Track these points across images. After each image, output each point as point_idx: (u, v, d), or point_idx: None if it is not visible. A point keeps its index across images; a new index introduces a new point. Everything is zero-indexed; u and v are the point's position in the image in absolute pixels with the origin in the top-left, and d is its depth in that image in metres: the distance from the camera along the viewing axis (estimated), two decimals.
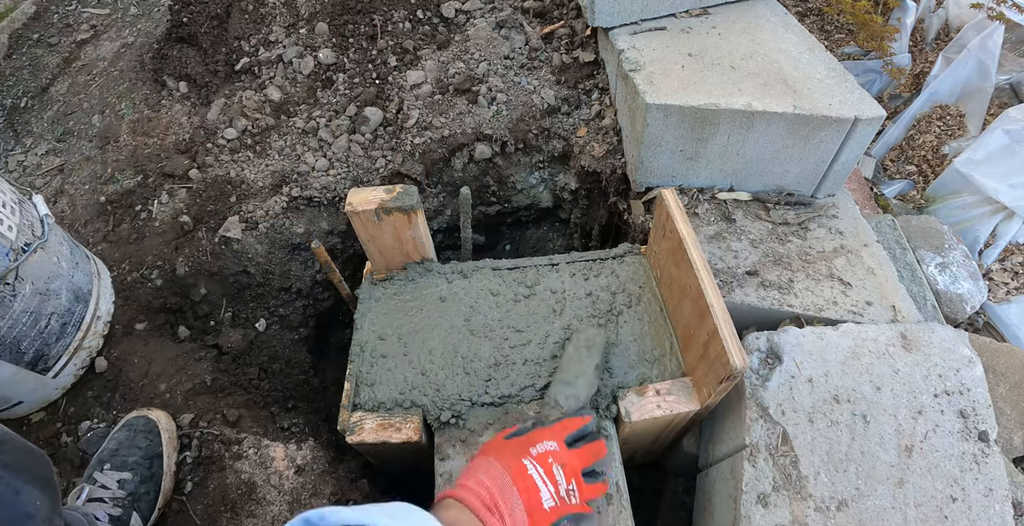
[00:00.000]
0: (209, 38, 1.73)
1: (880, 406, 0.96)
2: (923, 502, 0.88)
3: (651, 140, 1.24)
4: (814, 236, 1.25)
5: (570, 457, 0.78)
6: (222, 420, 1.16)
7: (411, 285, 1.18)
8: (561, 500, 0.73)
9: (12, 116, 1.84)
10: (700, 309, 0.91)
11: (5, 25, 2.05)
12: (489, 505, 0.66)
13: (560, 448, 0.78)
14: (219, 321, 1.42)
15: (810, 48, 1.32)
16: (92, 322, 1.19)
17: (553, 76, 1.59)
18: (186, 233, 1.44)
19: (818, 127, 1.18)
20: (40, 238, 1.07)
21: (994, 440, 0.93)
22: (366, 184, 1.52)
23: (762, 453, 0.93)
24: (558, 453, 0.76)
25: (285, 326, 1.56)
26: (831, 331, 1.03)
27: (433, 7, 1.73)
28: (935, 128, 2.15)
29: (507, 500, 0.68)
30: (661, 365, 1.04)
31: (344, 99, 1.61)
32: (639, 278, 1.17)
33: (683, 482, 1.27)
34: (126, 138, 1.65)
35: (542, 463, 0.73)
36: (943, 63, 2.16)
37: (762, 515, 0.89)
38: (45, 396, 1.14)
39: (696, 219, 1.28)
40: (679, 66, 1.27)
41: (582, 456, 0.80)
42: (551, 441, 0.78)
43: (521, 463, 0.72)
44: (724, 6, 1.45)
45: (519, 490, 0.69)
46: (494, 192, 1.70)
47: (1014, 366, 1.32)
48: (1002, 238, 1.84)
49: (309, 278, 1.58)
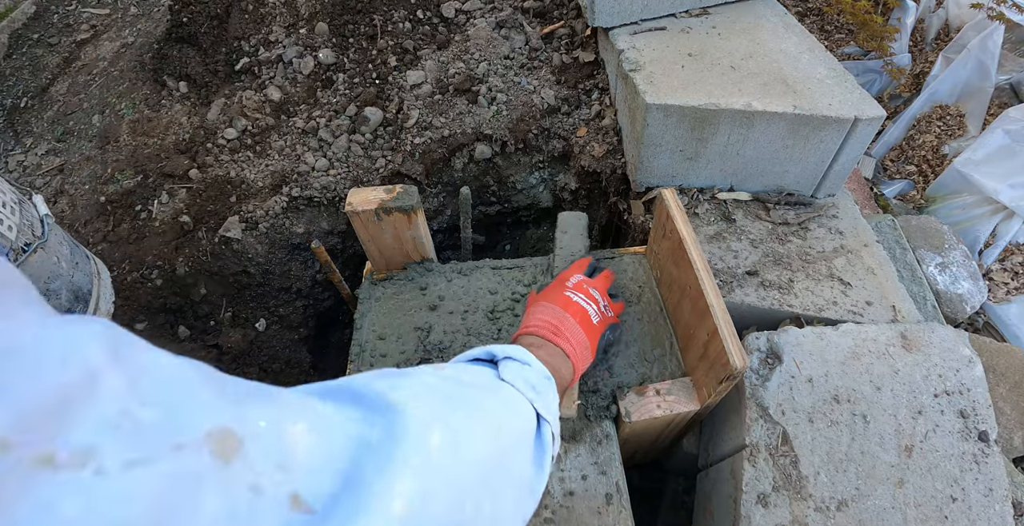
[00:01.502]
0: (209, 38, 1.73)
1: (880, 406, 0.96)
2: (923, 502, 0.88)
3: (651, 140, 1.24)
4: (814, 236, 1.25)
5: (597, 281, 0.95)
6: None
7: (411, 285, 1.18)
8: (602, 314, 0.90)
9: (12, 116, 1.84)
10: (700, 309, 0.91)
11: (5, 25, 2.05)
12: (554, 331, 0.79)
13: (586, 277, 0.94)
14: (219, 321, 1.43)
15: (810, 48, 1.32)
16: None
17: (553, 76, 1.59)
18: (186, 233, 1.44)
19: (818, 127, 1.18)
20: (40, 238, 1.07)
21: (994, 440, 0.93)
22: (366, 184, 1.52)
23: (762, 453, 0.93)
24: (587, 280, 0.93)
25: (285, 326, 1.56)
26: (831, 331, 1.03)
27: (433, 7, 1.73)
28: (935, 128, 2.15)
29: (565, 324, 0.81)
30: (661, 365, 1.04)
31: (344, 99, 1.61)
32: (639, 278, 1.17)
33: (683, 482, 1.27)
34: (126, 138, 1.65)
35: (579, 290, 0.89)
36: (943, 63, 2.16)
37: (762, 515, 0.89)
38: None
39: (696, 219, 1.28)
40: (679, 66, 1.27)
41: (604, 279, 0.98)
42: (578, 274, 0.94)
43: (564, 295, 0.87)
44: (724, 6, 1.45)
45: (571, 314, 0.83)
46: (494, 192, 1.70)
47: (1014, 366, 1.32)
48: (1002, 238, 1.84)
49: (309, 278, 1.58)
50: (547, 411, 0.58)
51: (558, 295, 0.87)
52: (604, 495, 0.91)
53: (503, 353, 0.62)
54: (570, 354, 0.79)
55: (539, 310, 0.84)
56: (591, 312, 0.87)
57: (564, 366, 0.76)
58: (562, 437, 0.96)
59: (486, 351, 0.63)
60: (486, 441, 0.45)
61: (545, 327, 0.80)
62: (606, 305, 0.92)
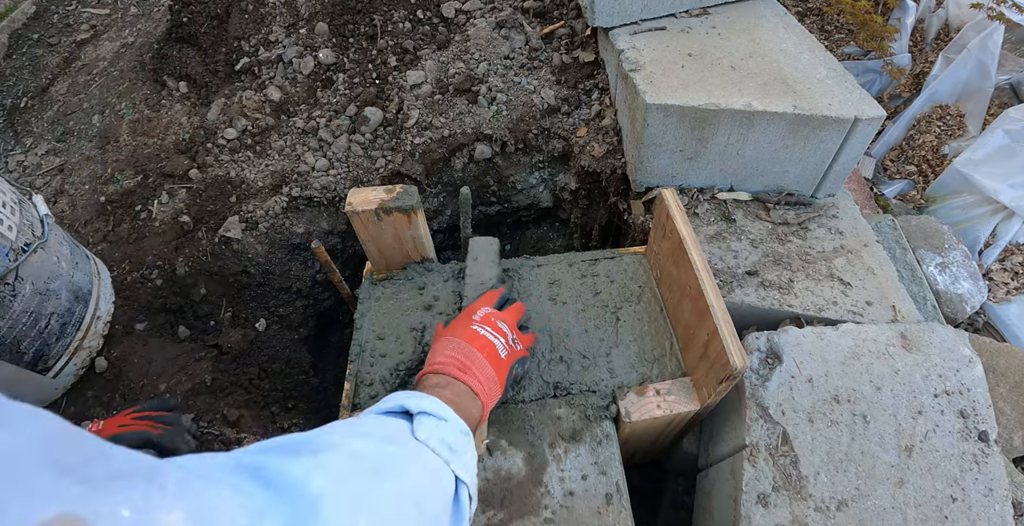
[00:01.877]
0: (209, 38, 1.73)
1: (880, 406, 0.96)
2: (923, 502, 0.88)
3: (651, 140, 1.24)
4: (814, 236, 1.25)
5: (506, 314, 0.93)
6: (222, 420, 1.16)
7: (410, 285, 1.18)
8: (511, 348, 0.88)
9: (12, 116, 1.84)
10: (700, 309, 0.91)
11: (5, 25, 2.05)
12: (461, 367, 0.78)
13: (494, 310, 0.92)
14: (219, 321, 1.42)
15: (810, 48, 1.32)
16: (92, 322, 1.18)
17: (553, 76, 1.59)
18: (186, 233, 1.44)
19: (818, 127, 1.18)
20: (40, 238, 1.07)
21: (994, 440, 0.93)
22: (366, 184, 1.52)
23: (762, 453, 0.93)
24: (496, 313, 0.91)
25: (285, 326, 1.56)
26: (831, 331, 1.03)
27: (433, 7, 1.73)
28: (935, 128, 2.15)
29: (473, 360, 0.80)
30: (661, 365, 1.04)
31: (344, 99, 1.61)
32: (639, 278, 1.17)
33: (683, 482, 1.27)
34: (126, 138, 1.65)
35: (487, 323, 0.88)
36: (943, 63, 2.16)
37: (762, 515, 0.89)
38: (45, 396, 1.14)
39: (696, 219, 1.28)
40: (679, 66, 1.27)
41: (514, 312, 0.96)
42: (486, 306, 0.92)
43: (472, 329, 0.86)
44: (724, 6, 1.45)
45: (478, 349, 0.82)
46: (494, 192, 1.70)
47: (1014, 366, 1.32)
48: (1002, 238, 1.84)
49: (309, 278, 1.58)
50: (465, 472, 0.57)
51: (465, 329, 0.85)
52: (604, 495, 0.91)
53: (417, 408, 0.61)
54: (478, 392, 0.77)
55: (446, 346, 0.82)
56: (499, 346, 0.85)
57: (472, 405, 0.76)
58: (562, 437, 0.96)
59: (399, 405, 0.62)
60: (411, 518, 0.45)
61: (452, 364, 0.79)
62: (515, 338, 0.91)
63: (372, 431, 0.53)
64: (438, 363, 0.79)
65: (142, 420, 0.93)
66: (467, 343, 0.82)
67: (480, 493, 0.91)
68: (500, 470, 0.93)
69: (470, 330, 0.85)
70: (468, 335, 0.84)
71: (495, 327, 0.88)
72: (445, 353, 0.81)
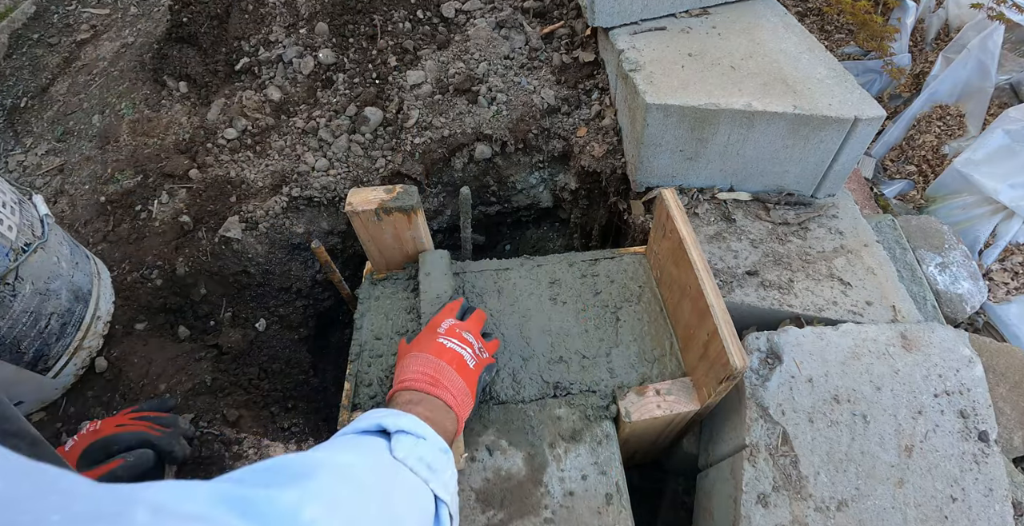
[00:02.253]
0: (209, 38, 1.73)
1: (880, 406, 0.96)
2: (923, 502, 0.88)
3: (651, 140, 1.24)
4: (814, 236, 1.25)
5: (469, 323, 0.93)
6: (222, 420, 1.16)
7: (410, 284, 1.18)
8: (478, 357, 0.88)
9: (12, 116, 1.84)
10: (700, 309, 0.91)
11: (5, 25, 2.05)
12: (431, 382, 0.78)
13: (457, 321, 0.92)
14: (219, 321, 1.42)
15: (810, 48, 1.32)
16: (92, 322, 1.18)
17: (553, 76, 1.59)
18: (186, 233, 1.44)
19: (818, 127, 1.18)
20: (40, 238, 1.07)
21: (994, 440, 0.93)
22: (366, 184, 1.52)
23: (762, 453, 0.93)
24: (459, 324, 0.91)
25: (285, 326, 1.56)
26: (831, 331, 1.03)
27: (433, 7, 1.72)
28: (935, 128, 2.15)
29: (442, 373, 0.80)
30: (661, 365, 1.04)
31: (344, 99, 1.61)
32: (639, 278, 1.17)
33: (683, 482, 1.27)
34: (126, 138, 1.65)
35: (452, 335, 0.87)
36: (943, 63, 2.16)
37: (762, 515, 0.89)
38: (45, 396, 1.14)
39: (696, 219, 1.28)
40: (679, 66, 1.27)
41: (476, 320, 0.96)
42: (449, 318, 0.92)
43: (438, 343, 0.85)
44: (724, 6, 1.45)
45: (447, 361, 0.82)
46: (494, 192, 1.70)
47: (1014, 366, 1.32)
48: (1002, 238, 1.84)
49: (309, 278, 1.58)
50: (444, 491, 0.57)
51: (431, 343, 0.85)
52: (604, 495, 0.91)
53: (395, 426, 0.61)
54: (452, 405, 0.77)
55: (413, 361, 0.81)
56: (467, 357, 0.85)
57: (447, 418, 0.75)
58: (562, 437, 0.96)
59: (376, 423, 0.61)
60: None
61: (421, 379, 0.78)
62: (480, 347, 0.91)
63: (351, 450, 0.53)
64: (408, 379, 0.78)
65: (141, 420, 0.93)
66: (435, 357, 0.82)
67: (480, 493, 0.91)
68: (500, 470, 0.93)
69: (436, 343, 0.85)
70: (435, 349, 0.84)
71: (460, 338, 0.87)
72: (414, 368, 0.80)
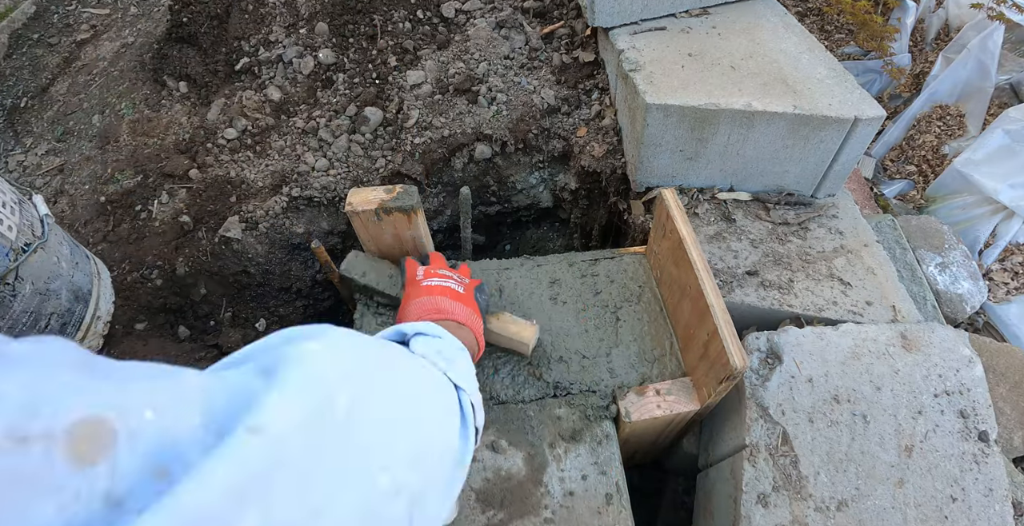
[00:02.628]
0: (209, 38, 1.73)
1: (880, 406, 0.96)
2: (923, 502, 0.88)
3: (651, 140, 1.24)
4: (814, 236, 1.25)
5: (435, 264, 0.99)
6: None
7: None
8: (461, 283, 0.93)
9: (12, 116, 1.84)
10: (700, 309, 0.91)
11: (5, 25, 2.05)
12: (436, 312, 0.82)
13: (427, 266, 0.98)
14: (219, 321, 1.42)
15: (810, 48, 1.32)
16: (92, 322, 1.18)
17: (553, 76, 1.59)
18: (186, 233, 1.44)
19: (818, 127, 1.18)
20: (40, 238, 1.07)
21: (994, 440, 0.93)
22: (366, 184, 1.52)
23: (762, 453, 0.93)
24: (429, 267, 0.97)
25: (285, 326, 1.56)
26: (831, 331, 1.03)
27: (433, 7, 1.73)
28: (935, 128, 2.15)
29: (442, 304, 0.84)
30: (661, 365, 1.04)
31: (344, 99, 1.61)
32: (639, 278, 1.17)
33: (683, 482, 1.27)
34: (126, 138, 1.65)
35: (430, 276, 0.92)
36: (943, 63, 2.16)
37: (762, 515, 0.89)
38: None
39: (696, 219, 1.28)
40: (679, 66, 1.27)
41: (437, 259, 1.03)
42: (416, 268, 0.97)
43: (423, 285, 0.89)
44: (724, 6, 1.45)
45: (438, 295, 0.86)
46: (494, 192, 1.70)
47: (1014, 366, 1.32)
48: (1002, 238, 1.84)
49: (309, 278, 1.58)
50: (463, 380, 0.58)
51: (417, 290, 0.88)
52: (604, 495, 0.91)
53: (413, 330, 0.63)
54: (463, 320, 0.81)
55: (410, 311, 0.83)
56: (452, 285, 0.90)
57: (462, 334, 0.78)
58: (562, 437, 0.96)
59: (396, 331, 0.64)
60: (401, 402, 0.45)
61: (425, 315, 0.81)
62: (459, 276, 0.95)
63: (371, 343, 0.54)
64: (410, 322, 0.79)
65: None
66: (427, 296, 0.85)
67: (480, 493, 0.91)
68: (500, 470, 0.93)
69: (422, 287, 0.88)
70: (423, 291, 0.87)
71: (439, 275, 0.92)
72: (414, 314, 0.82)
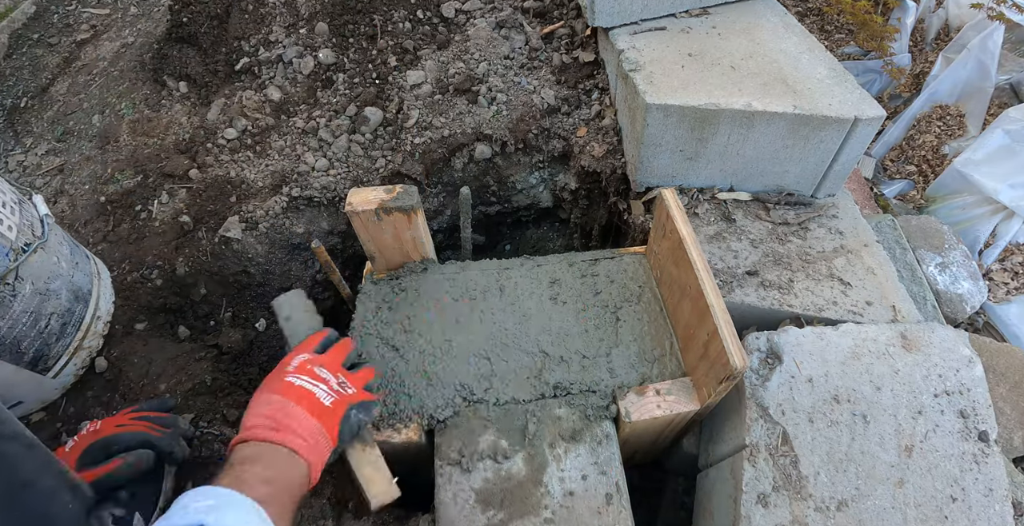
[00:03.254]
0: (209, 38, 1.73)
1: (880, 406, 0.96)
2: (923, 502, 0.88)
3: (651, 140, 1.24)
4: (814, 236, 1.25)
5: (325, 357, 0.85)
6: (222, 420, 1.16)
7: (399, 285, 1.18)
8: (337, 393, 0.80)
9: (12, 116, 1.84)
10: (700, 309, 0.91)
11: (5, 25, 2.05)
12: (274, 426, 0.71)
13: (312, 356, 0.84)
14: (219, 321, 1.42)
15: (810, 48, 1.32)
16: (92, 322, 1.18)
17: (553, 76, 1.59)
18: (186, 233, 1.44)
19: (818, 127, 1.18)
20: (40, 238, 1.07)
21: (994, 440, 0.93)
22: (366, 184, 1.52)
23: (762, 453, 0.93)
24: (313, 358, 0.83)
25: None
26: (831, 331, 1.03)
27: (433, 7, 1.72)
28: (935, 128, 2.15)
29: (289, 414, 0.73)
30: (661, 365, 1.04)
31: (344, 99, 1.61)
32: (639, 278, 1.17)
33: (683, 482, 1.27)
34: (126, 138, 1.65)
35: (303, 372, 0.80)
36: (943, 63, 2.16)
37: (762, 515, 0.89)
38: (45, 396, 1.14)
39: (696, 219, 1.28)
40: (679, 66, 1.27)
41: (334, 354, 0.87)
42: (303, 354, 0.84)
43: (285, 381, 0.78)
44: (724, 6, 1.45)
45: (294, 401, 0.75)
46: (494, 192, 1.70)
47: (1014, 366, 1.32)
48: (1002, 238, 1.84)
49: (309, 278, 1.58)
50: None
51: (278, 383, 0.78)
52: (604, 495, 0.91)
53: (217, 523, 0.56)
54: (299, 449, 0.71)
55: (257, 405, 0.75)
56: (320, 394, 0.78)
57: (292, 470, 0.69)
58: (562, 437, 0.96)
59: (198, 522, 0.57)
60: None
61: (263, 425, 0.72)
62: (343, 382, 0.83)
63: None
64: (249, 427, 0.72)
65: (141, 421, 0.93)
66: (280, 396, 0.75)
67: (480, 493, 0.91)
68: (500, 470, 0.93)
69: (284, 382, 0.78)
70: (281, 388, 0.77)
71: (312, 374, 0.80)
72: (256, 412, 0.74)
